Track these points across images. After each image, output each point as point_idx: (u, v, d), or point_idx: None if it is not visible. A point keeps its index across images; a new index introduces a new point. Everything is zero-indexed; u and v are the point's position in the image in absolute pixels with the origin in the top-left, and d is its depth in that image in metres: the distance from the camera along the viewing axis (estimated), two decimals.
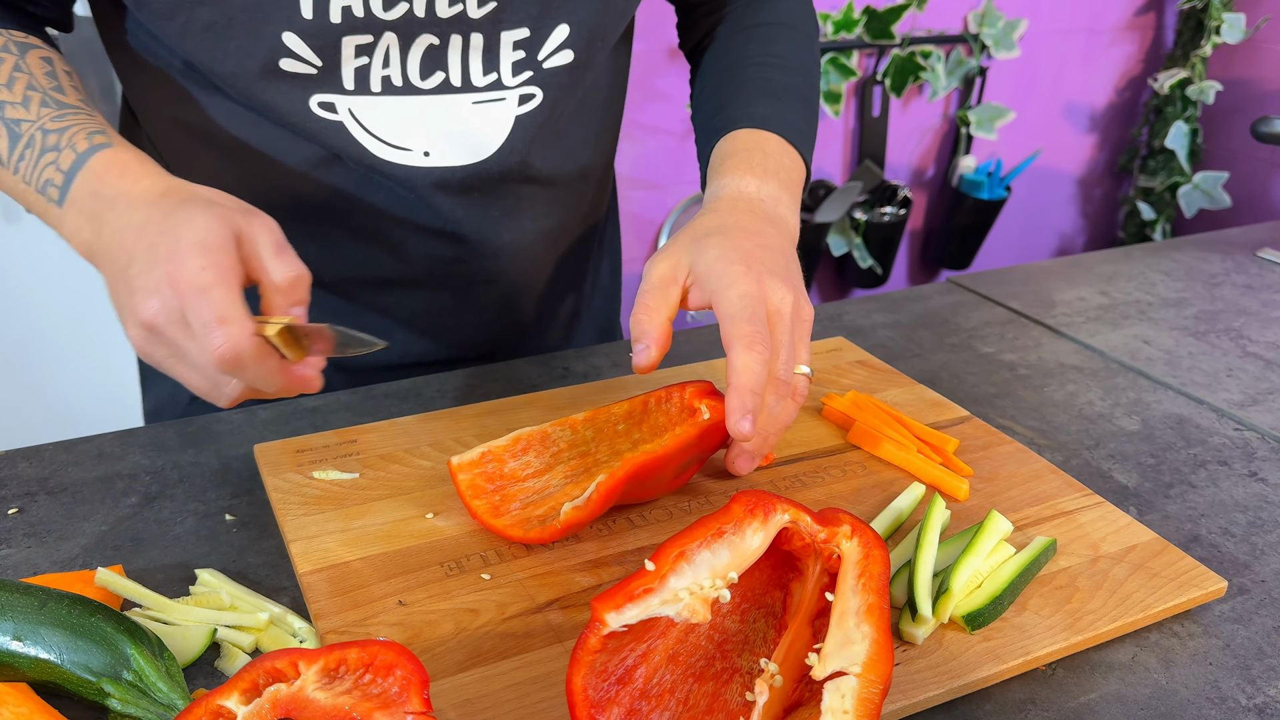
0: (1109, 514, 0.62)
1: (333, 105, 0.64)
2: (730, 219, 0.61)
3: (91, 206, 0.53)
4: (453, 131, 0.67)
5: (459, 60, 0.64)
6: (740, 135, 0.69)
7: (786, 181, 0.67)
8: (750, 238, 0.60)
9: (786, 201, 0.66)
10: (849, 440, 0.69)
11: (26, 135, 0.56)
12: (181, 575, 0.56)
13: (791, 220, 0.66)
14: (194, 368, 0.51)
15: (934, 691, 0.48)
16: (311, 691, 0.41)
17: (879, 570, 0.47)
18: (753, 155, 0.67)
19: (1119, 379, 0.85)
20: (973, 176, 2.27)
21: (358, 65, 0.62)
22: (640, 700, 0.44)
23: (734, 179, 0.65)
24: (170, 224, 0.50)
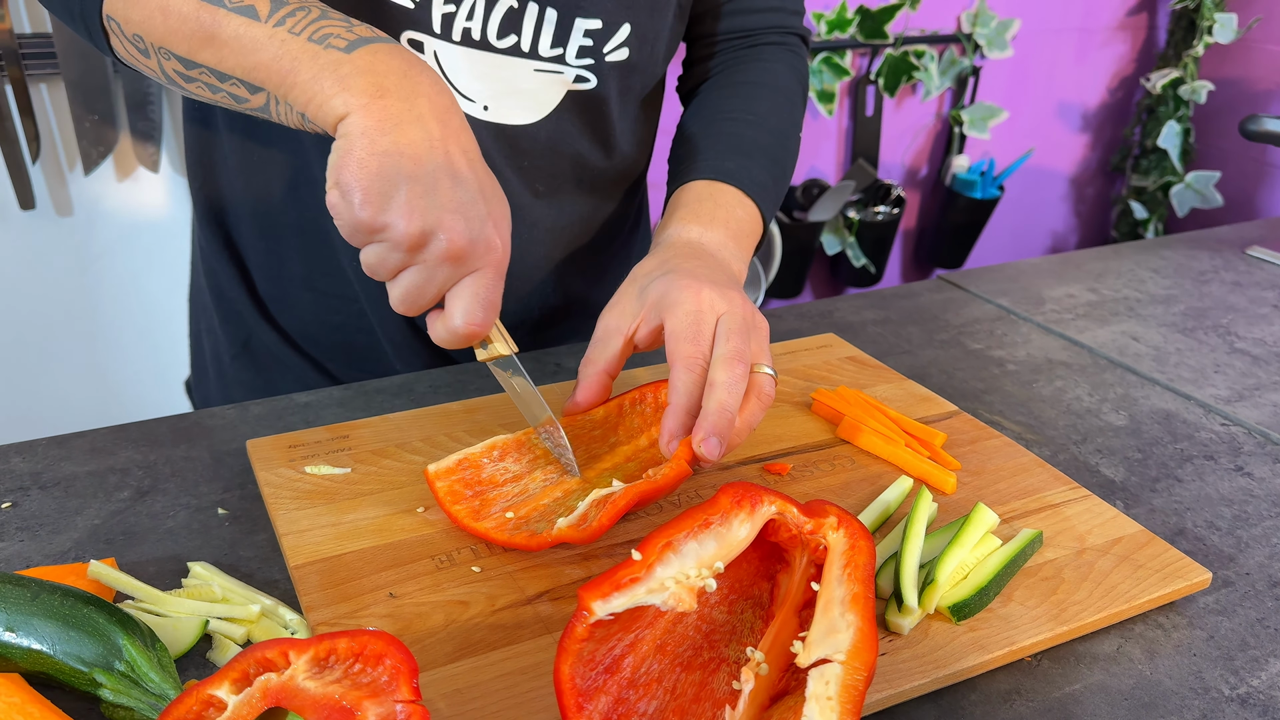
0: (1095, 507, 0.63)
1: (421, 45, 0.67)
2: (670, 254, 0.65)
3: (404, 68, 0.51)
4: (511, 91, 0.70)
5: (532, 28, 0.68)
6: (697, 186, 0.71)
7: (735, 231, 0.69)
8: (691, 262, 0.63)
9: (731, 249, 0.68)
10: (838, 435, 0.69)
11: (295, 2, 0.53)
12: (174, 568, 0.56)
13: (734, 265, 0.68)
14: (420, 289, 0.53)
15: (919, 681, 0.49)
16: (301, 681, 0.42)
17: (864, 561, 0.47)
18: (702, 205, 0.69)
19: (1107, 375, 0.86)
20: (966, 176, 2.28)
21: (445, 11, 0.66)
22: (628, 689, 0.44)
23: (678, 227, 0.68)
24: (497, 190, 0.54)
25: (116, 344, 1.72)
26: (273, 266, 0.81)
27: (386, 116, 0.50)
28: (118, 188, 1.63)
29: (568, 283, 0.85)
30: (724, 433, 0.55)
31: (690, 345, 0.58)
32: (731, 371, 0.56)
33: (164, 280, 1.70)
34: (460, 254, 0.51)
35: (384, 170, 0.50)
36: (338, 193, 0.51)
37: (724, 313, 0.59)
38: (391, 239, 0.51)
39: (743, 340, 0.58)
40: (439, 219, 0.50)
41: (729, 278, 0.64)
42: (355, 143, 0.50)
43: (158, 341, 1.72)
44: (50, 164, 1.57)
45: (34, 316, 1.65)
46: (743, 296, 0.62)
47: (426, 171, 0.50)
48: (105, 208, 1.63)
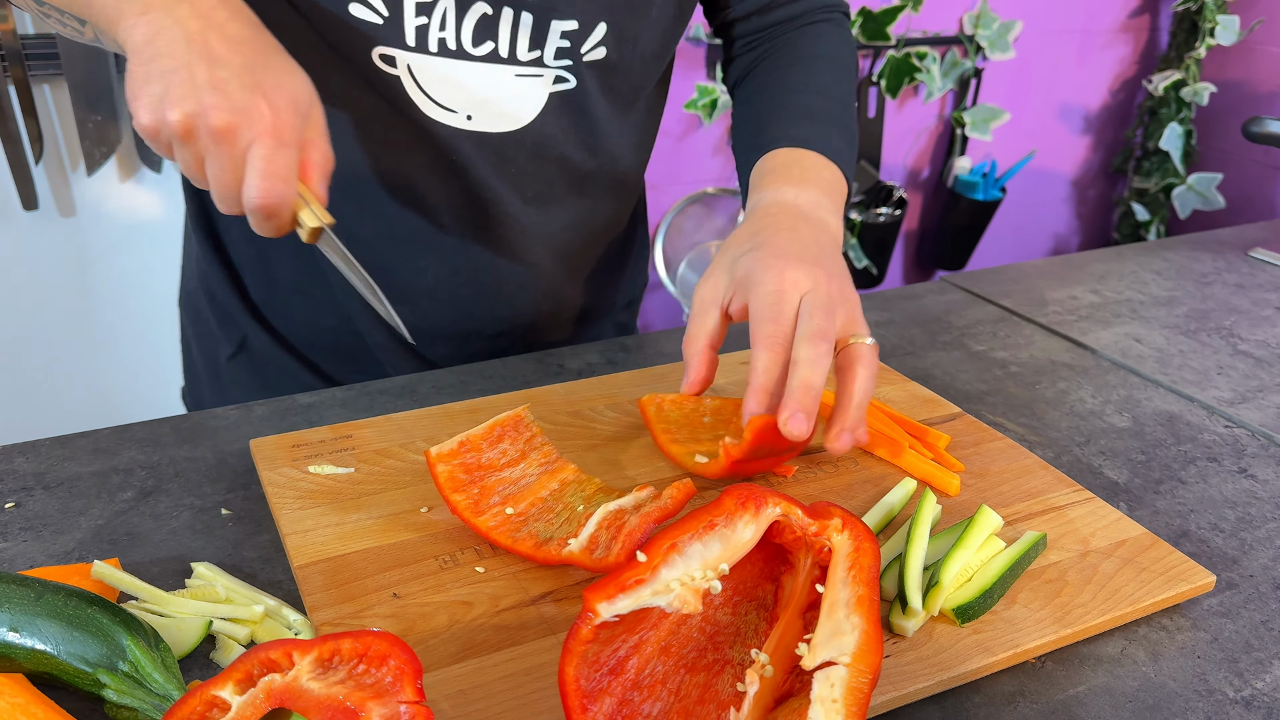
0: (1099, 509, 0.63)
1: (393, 59, 0.67)
2: (764, 224, 0.64)
3: None
4: (493, 98, 0.70)
5: (509, 34, 0.68)
6: (779, 153, 0.71)
7: (827, 190, 0.69)
8: (783, 235, 0.62)
9: (827, 206, 0.67)
10: None
11: None
12: (177, 569, 0.56)
13: (832, 222, 0.67)
14: (217, 177, 0.54)
15: (924, 683, 0.49)
16: (305, 681, 0.42)
17: (869, 563, 0.47)
18: (791, 170, 0.69)
19: (1110, 376, 0.86)
20: (968, 177, 2.28)
21: (418, 23, 0.66)
22: (632, 691, 0.44)
23: (772, 190, 0.68)
24: (273, 63, 0.54)
25: (119, 344, 1.72)
26: (263, 272, 0.81)
27: (149, 28, 0.53)
28: (120, 188, 1.63)
29: (562, 287, 0.85)
30: (810, 409, 0.55)
31: (771, 325, 0.57)
32: (815, 348, 0.56)
33: (167, 280, 1.70)
34: (226, 128, 0.52)
35: (149, 75, 0.52)
36: (133, 113, 0.53)
37: (808, 290, 0.58)
38: (169, 135, 0.53)
39: (826, 317, 0.57)
40: (198, 100, 0.51)
41: (826, 242, 0.63)
42: (130, 62, 0.53)
43: (160, 342, 1.73)
44: (53, 164, 1.57)
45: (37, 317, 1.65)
46: (833, 269, 0.60)
47: (183, 63, 0.52)
48: (108, 208, 1.63)
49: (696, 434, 0.65)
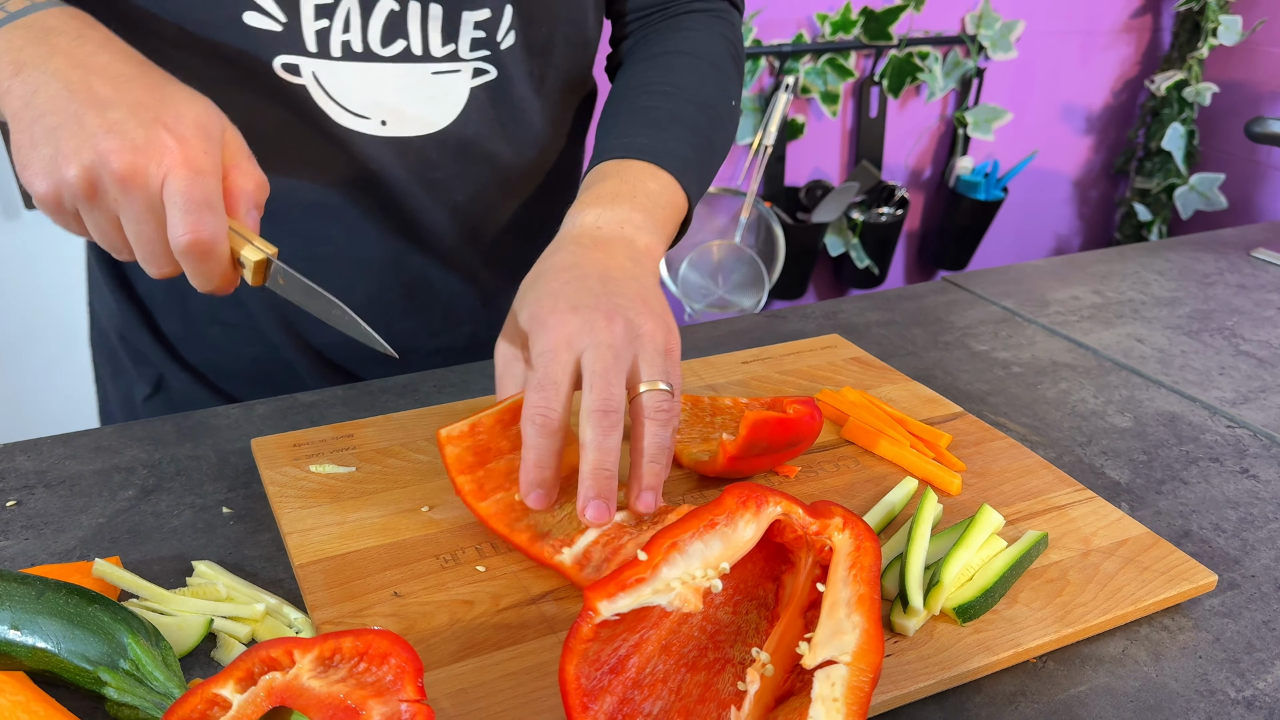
0: (1100, 509, 0.63)
1: (296, 68, 0.63)
2: (549, 263, 0.58)
3: (42, 35, 0.50)
4: (410, 101, 0.66)
5: (419, 29, 0.64)
6: (605, 165, 0.65)
7: (644, 205, 0.62)
8: (562, 274, 0.56)
9: (637, 221, 0.61)
10: (843, 436, 0.69)
11: None
12: (178, 567, 0.56)
13: (640, 238, 0.61)
14: (136, 232, 0.50)
15: (925, 682, 0.49)
16: (306, 680, 0.42)
17: (870, 562, 0.47)
18: (605, 184, 0.63)
19: (1112, 377, 0.86)
20: (970, 177, 2.28)
21: (318, 27, 0.62)
22: (633, 689, 0.44)
23: (574, 215, 0.62)
24: (169, 94, 0.50)
25: None
26: (175, 305, 0.77)
27: (25, 89, 0.49)
28: None
29: (500, 295, 0.80)
30: (607, 494, 0.51)
31: (536, 394, 0.52)
32: (597, 427, 0.51)
33: None
34: (130, 170, 0.47)
35: (34, 139, 0.48)
36: (27, 184, 0.49)
37: (586, 347, 0.52)
38: (71, 197, 0.49)
39: (604, 384, 0.51)
40: (94, 148, 0.48)
41: (616, 269, 0.57)
42: (12, 130, 0.49)
43: None
44: None
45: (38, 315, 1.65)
46: (619, 304, 0.54)
47: (69, 116, 0.48)
48: None
49: (704, 433, 0.65)
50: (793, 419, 0.60)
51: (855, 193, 2.11)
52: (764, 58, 2.01)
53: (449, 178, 0.70)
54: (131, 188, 0.48)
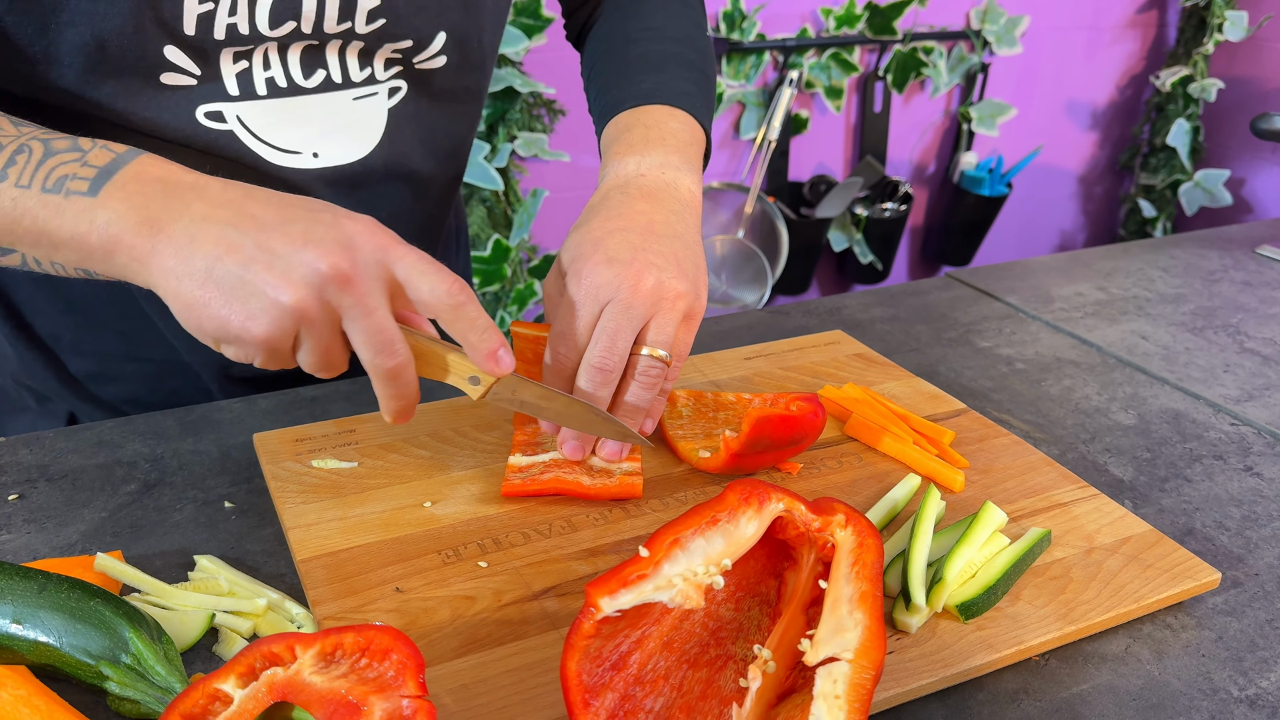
0: (1104, 506, 0.62)
1: (220, 114, 0.61)
2: (593, 211, 0.61)
3: (160, 187, 0.47)
4: (336, 128, 0.66)
5: (337, 59, 0.63)
6: (622, 117, 0.67)
7: (674, 145, 0.64)
8: (608, 223, 0.59)
9: (675, 162, 0.64)
10: (845, 432, 0.69)
11: (11, 145, 0.48)
12: (180, 561, 0.56)
13: (683, 181, 0.63)
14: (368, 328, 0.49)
15: (927, 680, 0.49)
16: (308, 675, 0.42)
17: (873, 559, 0.47)
18: (633, 132, 0.65)
19: (1116, 374, 0.86)
20: (974, 173, 2.27)
21: (239, 70, 0.60)
22: (635, 686, 0.44)
23: (612, 165, 0.64)
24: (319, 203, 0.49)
25: None
26: (85, 344, 0.74)
27: (180, 243, 0.46)
28: None
29: None
30: (583, 440, 0.60)
31: (559, 344, 0.57)
32: (591, 381, 0.56)
33: None
34: (349, 267, 0.47)
35: (225, 287, 0.46)
36: (225, 346, 0.48)
37: (608, 300, 0.56)
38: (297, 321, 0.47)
39: (614, 340, 0.56)
40: (302, 263, 0.46)
41: (660, 219, 0.60)
42: (177, 292, 0.46)
43: None
44: None
45: None
46: (654, 259, 0.57)
47: (254, 248, 0.46)
48: None
49: (706, 429, 0.65)
50: (796, 416, 0.60)
51: (859, 188, 2.10)
52: (768, 52, 2.01)
53: (375, 196, 0.70)
54: (354, 285, 0.47)
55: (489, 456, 0.64)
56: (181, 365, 0.76)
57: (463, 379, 0.55)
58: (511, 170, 1.76)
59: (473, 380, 0.55)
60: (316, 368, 0.51)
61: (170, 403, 0.76)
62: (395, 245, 0.50)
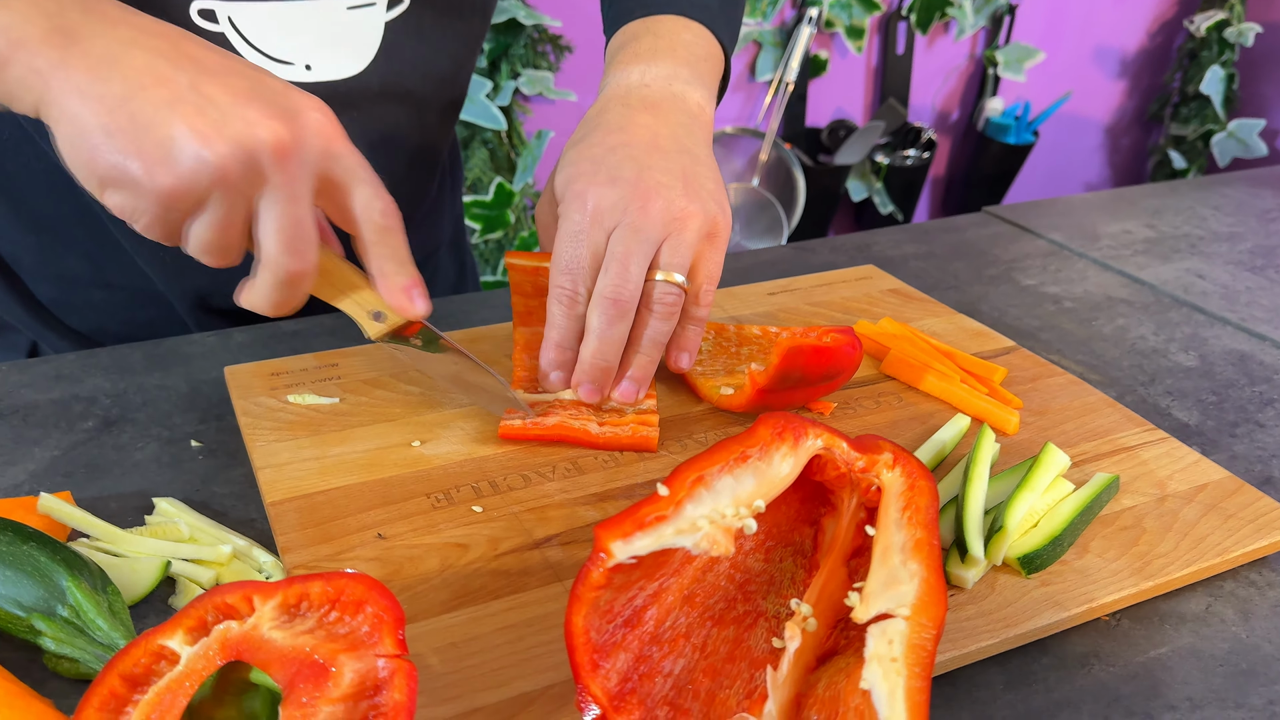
0: (1174, 450, 0.56)
1: (213, 13, 0.57)
2: (593, 124, 0.55)
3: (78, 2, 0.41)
4: (330, 39, 0.60)
5: None
6: (630, 26, 0.61)
7: (685, 58, 0.58)
8: (608, 138, 0.53)
9: (684, 75, 0.58)
10: (883, 370, 0.62)
11: None
12: (138, 505, 0.50)
13: (691, 95, 0.57)
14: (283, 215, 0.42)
15: (987, 641, 0.42)
16: (267, 631, 0.36)
17: (926, 502, 0.41)
18: (640, 42, 0.59)
19: (1172, 313, 0.78)
20: (999, 120, 2.17)
21: None
22: (651, 645, 0.38)
23: (614, 75, 0.58)
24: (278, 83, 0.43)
25: None
26: (50, 267, 0.68)
27: (95, 62, 0.39)
28: None
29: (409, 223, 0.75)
30: (601, 384, 0.53)
31: (563, 275, 0.51)
32: (604, 315, 0.50)
33: None
34: (291, 141, 0.41)
35: (140, 120, 0.39)
36: (112, 192, 0.40)
37: (615, 226, 0.50)
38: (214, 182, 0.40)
39: (622, 271, 0.50)
40: (241, 120, 0.40)
41: (667, 134, 0.54)
42: (75, 120, 0.39)
43: None
44: None
45: None
46: (662, 178, 0.51)
47: (186, 89, 0.39)
48: None
49: (728, 364, 0.59)
50: (831, 348, 0.53)
51: (880, 133, 2.01)
52: None
53: (368, 118, 0.65)
54: (289, 162, 0.41)
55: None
56: (154, 294, 0.70)
57: (364, 311, 0.49)
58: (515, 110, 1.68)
59: (376, 316, 0.49)
60: (206, 247, 0.43)
61: (142, 335, 0.70)
62: (342, 139, 0.44)
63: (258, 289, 0.45)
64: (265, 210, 0.42)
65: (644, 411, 0.54)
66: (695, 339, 0.56)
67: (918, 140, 2.08)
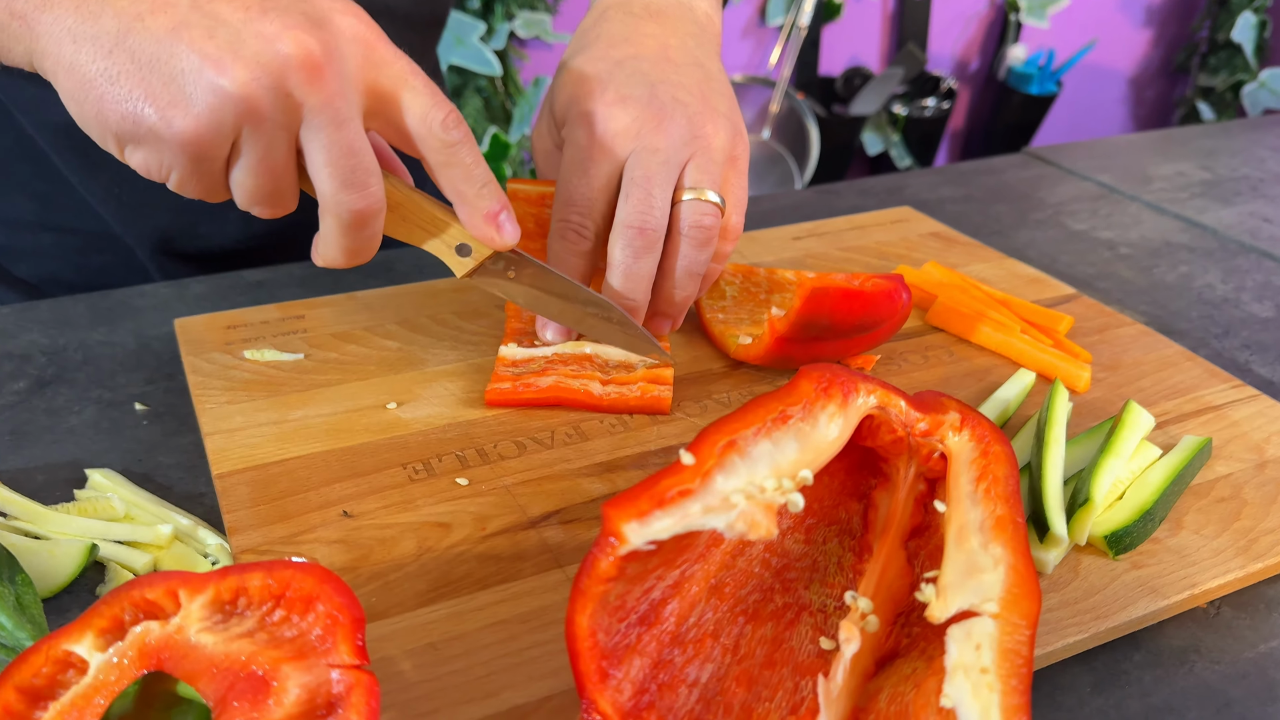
0: (1269, 409, 0.48)
1: None
2: (592, 36, 0.49)
3: None
4: None
5: None
6: None
7: None
8: (612, 51, 0.47)
9: None
10: (929, 321, 0.54)
11: None
12: (70, 477, 0.43)
13: (699, 3, 0.52)
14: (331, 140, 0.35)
15: (1075, 637, 0.35)
16: (195, 634, 0.29)
17: (1004, 472, 0.33)
18: None
19: (1240, 260, 0.71)
20: (1022, 69, 2.07)
21: None
22: (672, 648, 0.31)
23: None
24: None
25: None
26: None
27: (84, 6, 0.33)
28: None
29: None
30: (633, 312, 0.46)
31: (569, 208, 0.45)
32: (629, 246, 0.44)
33: None
34: (323, 53, 0.34)
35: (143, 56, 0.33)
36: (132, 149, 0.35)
37: (631, 150, 0.44)
38: (242, 114, 0.34)
39: (649, 191, 0.44)
40: (259, 38, 0.33)
41: (677, 45, 0.48)
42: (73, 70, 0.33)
43: None
44: None
45: None
46: (678, 95, 0.45)
47: (183, 11, 0.33)
48: None
49: (754, 313, 0.51)
50: (865, 292, 0.45)
51: (898, 81, 1.91)
52: None
53: None
54: (325, 78, 0.34)
55: (473, 349, 0.50)
56: (110, 238, 0.62)
57: (448, 247, 0.42)
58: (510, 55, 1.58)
59: (461, 249, 0.42)
60: (256, 194, 0.36)
61: (98, 284, 0.62)
62: (384, 43, 0.37)
63: (325, 238, 0.38)
64: (311, 141, 0.35)
65: (656, 368, 0.47)
66: (714, 276, 0.49)
67: (936, 89, 1.98)
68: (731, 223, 0.47)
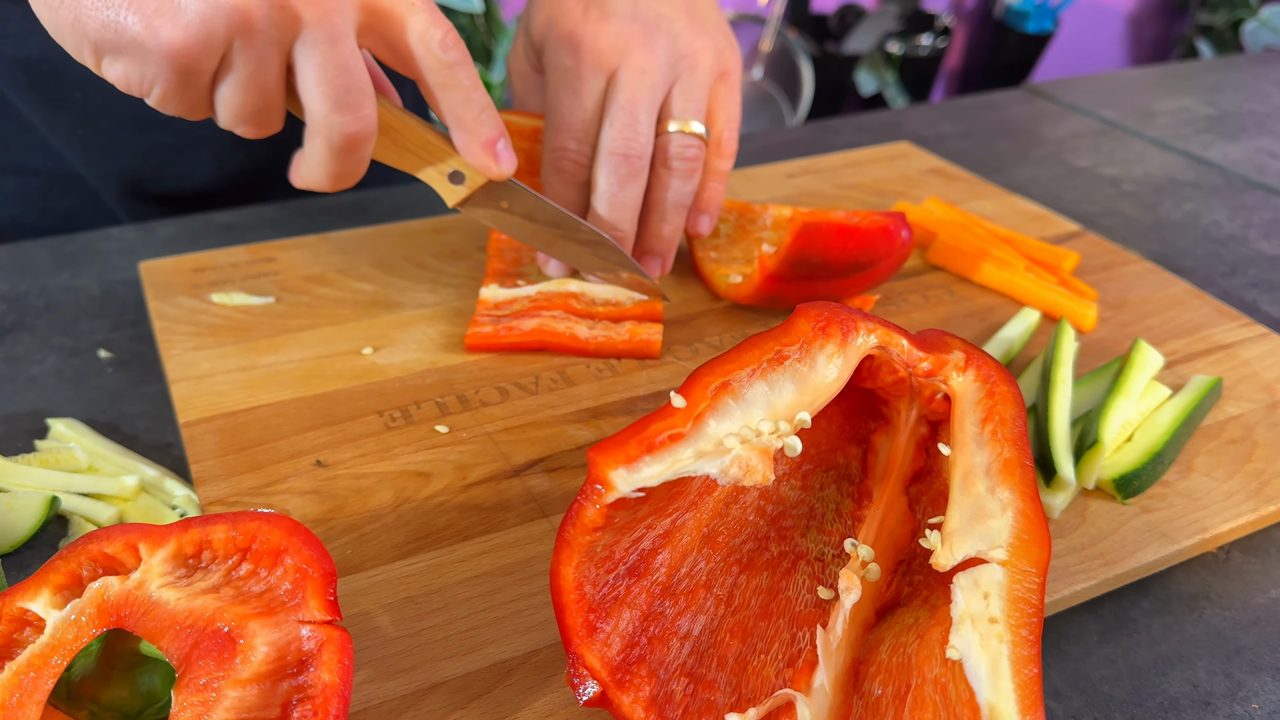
0: (1278, 348, 0.47)
1: None
2: None
3: None
4: None
5: None
6: None
7: None
8: None
9: None
10: (929, 260, 0.52)
11: None
12: (31, 427, 0.41)
13: None
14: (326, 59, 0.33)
15: (1082, 584, 0.34)
16: (156, 589, 0.27)
17: (1011, 413, 0.32)
18: None
19: (1246, 197, 0.68)
20: (1019, 6, 2.02)
21: None
22: (663, 599, 0.29)
23: None
24: None
25: None
26: None
27: None
28: None
29: None
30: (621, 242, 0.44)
31: (562, 134, 0.43)
32: (613, 173, 0.42)
33: None
34: None
35: None
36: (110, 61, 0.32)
37: (615, 68, 0.42)
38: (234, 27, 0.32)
39: (634, 115, 0.42)
40: None
41: None
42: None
43: None
44: None
45: None
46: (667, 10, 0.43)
47: None
48: None
49: (747, 252, 0.49)
50: (859, 228, 0.43)
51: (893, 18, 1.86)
52: None
53: None
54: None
55: (453, 292, 0.48)
56: (75, 180, 0.59)
57: (440, 174, 0.40)
58: None
59: (454, 177, 0.40)
60: (243, 111, 0.34)
61: (64, 229, 0.60)
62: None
63: (310, 159, 0.36)
64: (303, 58, 0.33)
65: (647, 304, 0.45)
66: (718, 198, 0.47)
67: (932, 27, 1.93)
68: (724, 139, 0.45)
